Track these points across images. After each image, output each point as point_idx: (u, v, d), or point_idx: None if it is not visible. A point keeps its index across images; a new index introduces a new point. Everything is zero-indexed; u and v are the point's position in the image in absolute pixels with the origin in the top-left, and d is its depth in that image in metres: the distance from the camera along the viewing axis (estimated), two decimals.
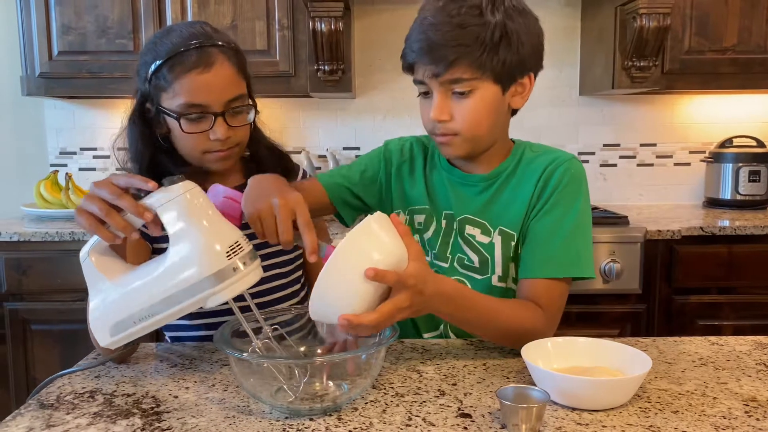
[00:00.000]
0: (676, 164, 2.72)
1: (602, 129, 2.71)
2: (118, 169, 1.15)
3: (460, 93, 0.99)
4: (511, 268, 1.08)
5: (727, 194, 2.51)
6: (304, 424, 0.77)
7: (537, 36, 1.02)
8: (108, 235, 0.83)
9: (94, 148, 2.72)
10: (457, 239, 1.10)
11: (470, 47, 0.96)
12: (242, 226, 0.91)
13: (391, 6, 2.59)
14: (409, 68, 1.04)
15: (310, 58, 2.31)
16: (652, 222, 2.20)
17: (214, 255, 0.80)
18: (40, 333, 2.19)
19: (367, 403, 0.83)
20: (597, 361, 0.88)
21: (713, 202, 2.58)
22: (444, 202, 1.13)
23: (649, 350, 1.01)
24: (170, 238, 0.82)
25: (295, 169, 1.29)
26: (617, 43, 2.33)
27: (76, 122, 2.71)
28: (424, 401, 0.83)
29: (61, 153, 2.73)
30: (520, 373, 0.93)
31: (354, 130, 2.71)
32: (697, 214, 2.43)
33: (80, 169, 2.72)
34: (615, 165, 2.73)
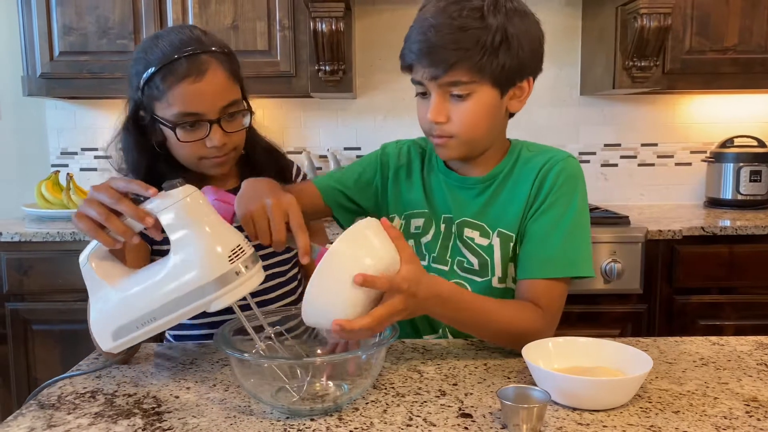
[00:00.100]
0: (677, 164, 2.72)
1: (603, 129, 2.71)
2: (117, 171, 1.15)
3: (458, 95, 0.99)
4: (511, 268, 1.08)
5: (728, 194, 2.51)
6: (304, 425, 0.77)
7: (537, 40, 1.02)
8: (108, 240, 0.83)
9: (95, 149, 2.72)
10: (456, 242, 1.10)
11: (470, 51, 0.95)
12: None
13: (391, 6, 2.59)
14: (407, 68, 1.03)
15: (311, 59, 2.31)
16: (653, 222, 2.20)
17: (216, 259, 0.80)
18: (41, 333, 2.19)
19: (367, 404, 0.83)
20: (598, 361, 0.88)
21: (714, 202, 2.57)
22: (442, 206, 1.12)
23: (649, 350, 1.01)
24: (171, 243, 0.81)
25: (289, 166, 1.29)
26: (618, 42, 2.32)
27: (77, 122, 2.71)
28: (425, 401, 0.83)
29: (62, 153, 2.73)
30: (521, 373, 0.93)
31: (355, 130, 2.71)
32: (698, 214, 2.42)
33: (81, 170, 2.72)
34: (616, 165, 2.73)
